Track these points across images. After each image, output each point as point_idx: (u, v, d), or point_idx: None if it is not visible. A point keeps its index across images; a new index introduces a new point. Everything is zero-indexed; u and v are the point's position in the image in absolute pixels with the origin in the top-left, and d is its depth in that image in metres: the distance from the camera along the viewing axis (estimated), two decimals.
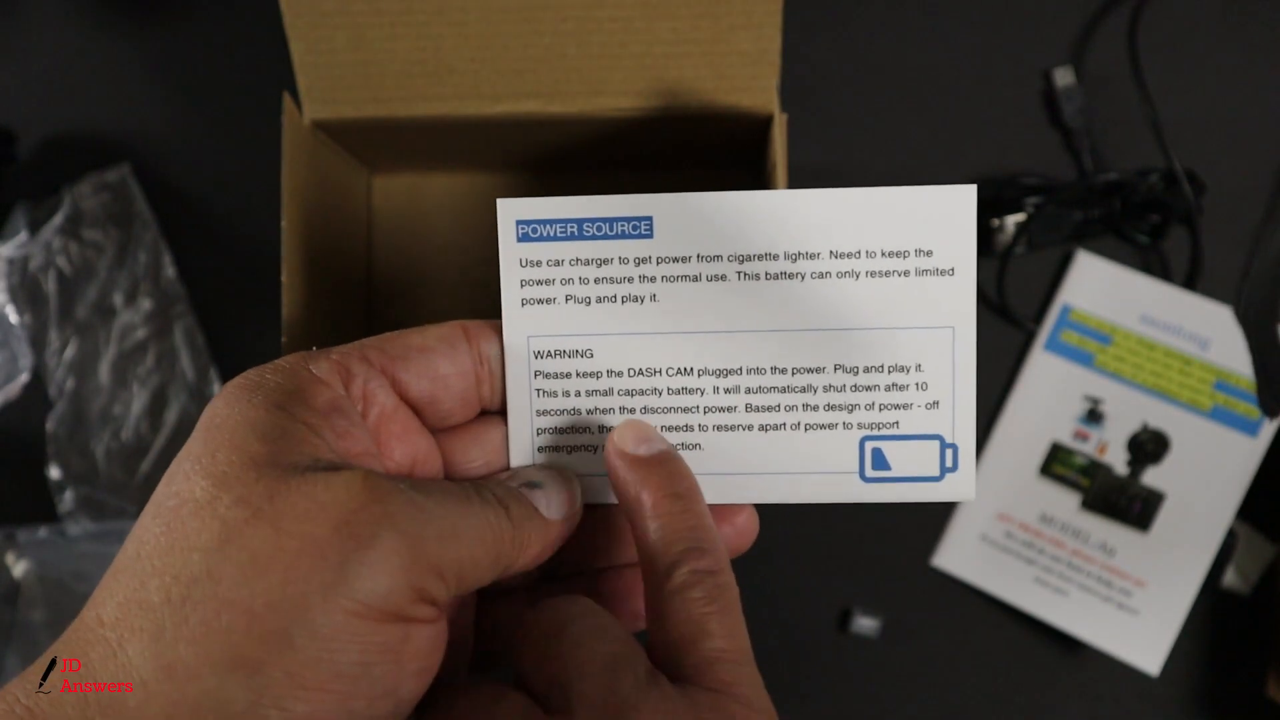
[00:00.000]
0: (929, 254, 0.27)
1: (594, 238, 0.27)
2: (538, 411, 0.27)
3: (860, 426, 0.27)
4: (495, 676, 0.25)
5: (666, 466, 0.26)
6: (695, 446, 0.28)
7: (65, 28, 0.54)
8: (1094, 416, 0.50)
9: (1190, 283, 0.51)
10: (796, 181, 0.49)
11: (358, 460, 0.24)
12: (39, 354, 0.52)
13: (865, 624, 0.50)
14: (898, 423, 0.27)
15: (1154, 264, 0.52)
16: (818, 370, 0.27)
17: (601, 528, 0.29)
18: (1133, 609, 0.49)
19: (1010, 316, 0.51)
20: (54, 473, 0.51)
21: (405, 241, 0.50)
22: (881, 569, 0.51)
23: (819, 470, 0.27)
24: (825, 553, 0.51)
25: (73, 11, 0.53)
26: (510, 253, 0.27)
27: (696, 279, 0.27)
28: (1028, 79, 0.52)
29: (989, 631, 0.51)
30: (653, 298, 0.27)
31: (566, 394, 0.27)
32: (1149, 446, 0.50)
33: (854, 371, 0.27)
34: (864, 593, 0.51)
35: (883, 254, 0.27)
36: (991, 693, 0.51)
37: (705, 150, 0.46)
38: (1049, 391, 0.51)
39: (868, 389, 0.27)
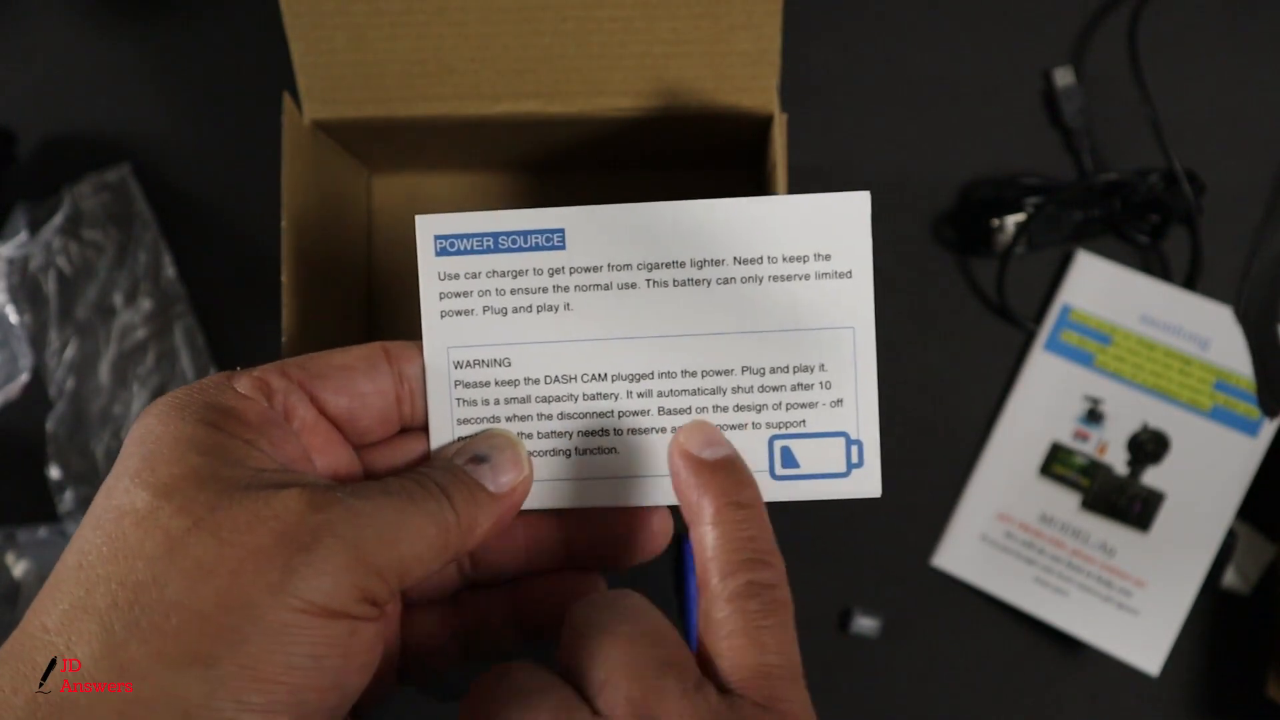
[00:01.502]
0: (827, 258, 0.28)
1: (509, 250, 0.28)
2: (458, 420, 0.28)
3: (769, 426, 0.28)
4: (535, 658, 0.25)
5: (731, 473, 0.26)
6: (611, 450, 0.28)
7: (65, 28, 0.54)
8: (1094, 416, 0.50)
9: (1190, 283, 0.51)
10: (796, 181, 0.49)
11: (295, 465, 0.25)
12: (39, 354, 0.52)
13: (865, 624, 0.50)
14: (804, 421, 0.28)
15: (1154, 264, 0.52)
16: (726, 372, 0.28)
17: (525, 534, 0.29)
18: (1133, 609, 0.49)
19: (1010, 316, 0.51)
20: (54, 473, 0.51)
21: (405, 241, 0.50)
22: (881, 569, 0.51)
23: None
24: (825, 553, 0.51)
25: (73, 11, 0.53)
26: (429, 266, 0.28)
27: (608, 287, 0.28)
28: (1028, 79, 0.52)
29: (989, 631, 0.51)
30: (567, 306, 0.28)
31: (486, 402, 0.28)
32: (1149, 446, 0.50)
33: (760, 372, 0.28)
34: (864, 593, 0.51)
35: (784, 259, 0.28)
36: (991, 693, 0.51)
37: (705, 150, 0.46)
38: (1049, 391, 0.51)
39: (774, 389, 0.28)
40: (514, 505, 0.27)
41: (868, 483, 0.29)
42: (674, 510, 0.29)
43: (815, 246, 0.28)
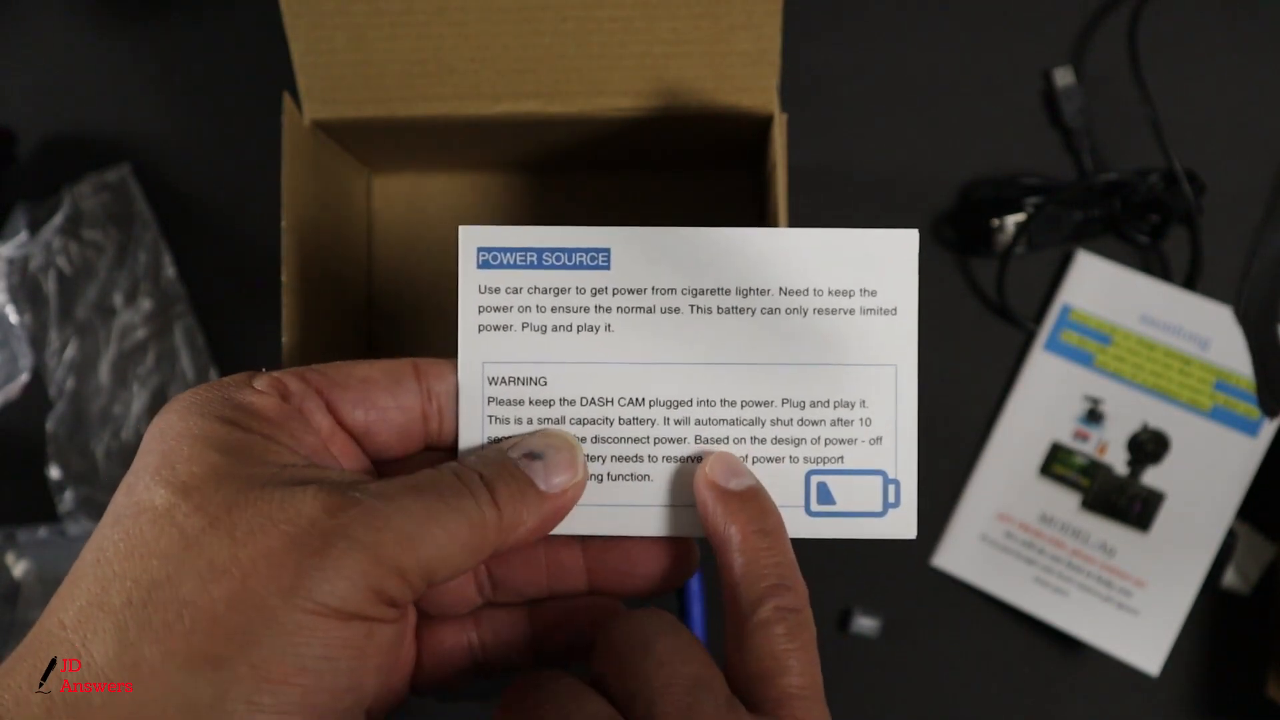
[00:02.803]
0: (873, 294, 0.28)
1: (553, 267, 0.28)
2: (489, 438, 0.28)
3: (806, 460, 0.28)
4: (573, 670, 0.25)
5: (756, 502, 0.26)
6: (644, 478, 0.28)
7: (65, 28, 0.54)
8: (1094, 416, 0.50)
9: (1190, 283, 0.51)
10: (796, 181, 0.49)
11: (317, 458, 0.24)
12: (39, 354, 0.52)
13: (865, 624, 0.50)
14: (842, 457, 0.28)
15: (1154, 264, 0.52)
16: (766, 404, 0.28)
17: (547, 557, 0.29)
18: (1133, 609, 0.49)
19: (1010, 316, 0.51)
20: (54, 473, 0.51)
21: (405, 241, 0.50)
22: (881, 569, 0.51)
23: None
24: (825, 553, 0.51)
25: (73, 11, 0.53)
26: (470, 279, 0.28)
27: (651, 311, 0.28)
28: (1028, 79, 0.52)
29: (989, 631, 0.51)
30: (608, 328, 0.28)
31: (519, 421, 0.28)
32: (1149, 446, 0.50)
33: (800, 406, 0.28)
34: (864, 593, 0.51)
35: (829, 292, 0.28)
36: (991, 693, 0.51)
37: (705, 150, 0.46)
38: (1049, 391, 0.51)
39: (814, 423, 0.28)
40: (563, 508, 0.26)
41: (903, 524, 0.28)
42: (700, 542, 0.29)
43: (861, 282, 0.28)
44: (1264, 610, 0.49)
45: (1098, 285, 0.51)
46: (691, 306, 0.28)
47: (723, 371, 0.28)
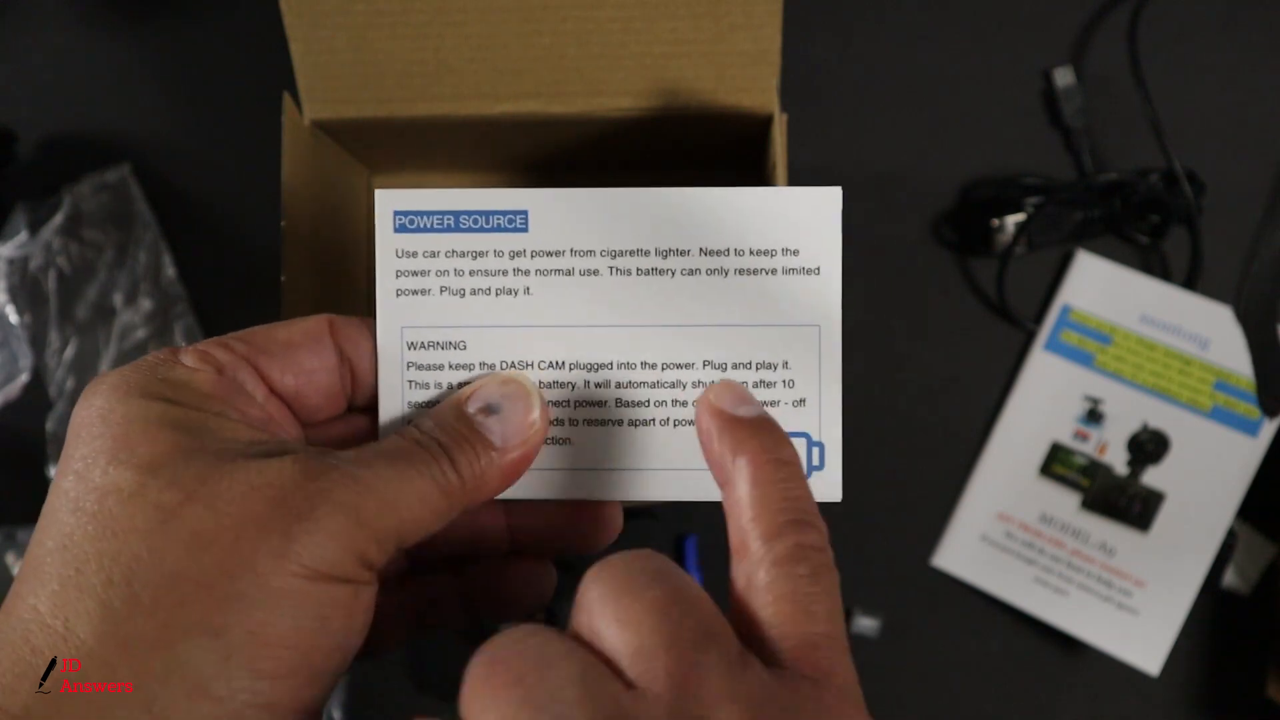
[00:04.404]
0: (795, 253, 0.27)
1: (470, 230, 0.27)
2: (409, 403, 0.27)
3: None
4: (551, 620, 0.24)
5: (768, 430, 0.24)
6: (565, 441, 0.28)
7: (65, 28, 0.54)
8: (1094, 416, 0.50)
9: (1190, 283, 0.51)
10: (796, 181, 0.49)
11: (271, 430, 0.24)
12: (39, 354, 0.52)
13: (865, 624, 0.50)
14: None
15: (1154, 264, 0.52)
16: (687, 366, 0.27)
17: (469, 521, 0.28)
18: (1133, 609, 0.49)
19: (1010, 316, 0.51)
20: (54, 473, 0.51)
21: None
22: (881, 569, 0.51)
23: (688, 467, 0.28)
24: None
25: (73, 11, 0.53)
26: (387, 243, 0.28)
27: (570, 273, 0.27)
28: (1028, 79, 0.52)
29: (989, 631, 0.51)
30: (526, 291, 0.27)
31: (439, 385, 0.27)
32: (1149, 446, 0.50)
33: (722, 368, 0.27)
34: (864, 593, 0.51)
35: (751, 252, 0.27)
36: (991, 693, 0.51)
37: (705, 150, 0.46)
38: (1049, 391, 0.51)
39: None
40: (526, 459, 0.26)
41: (828, 487, 0.27)
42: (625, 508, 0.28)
43: (784, 241, 0.27)
44: (1264, 610, 0.49)
45: (1098, 285, 0.51)
46: (611, 268, 0.27)
47: (643, 333, 0.27)
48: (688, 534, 0.51)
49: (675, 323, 0.27)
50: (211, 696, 0.20)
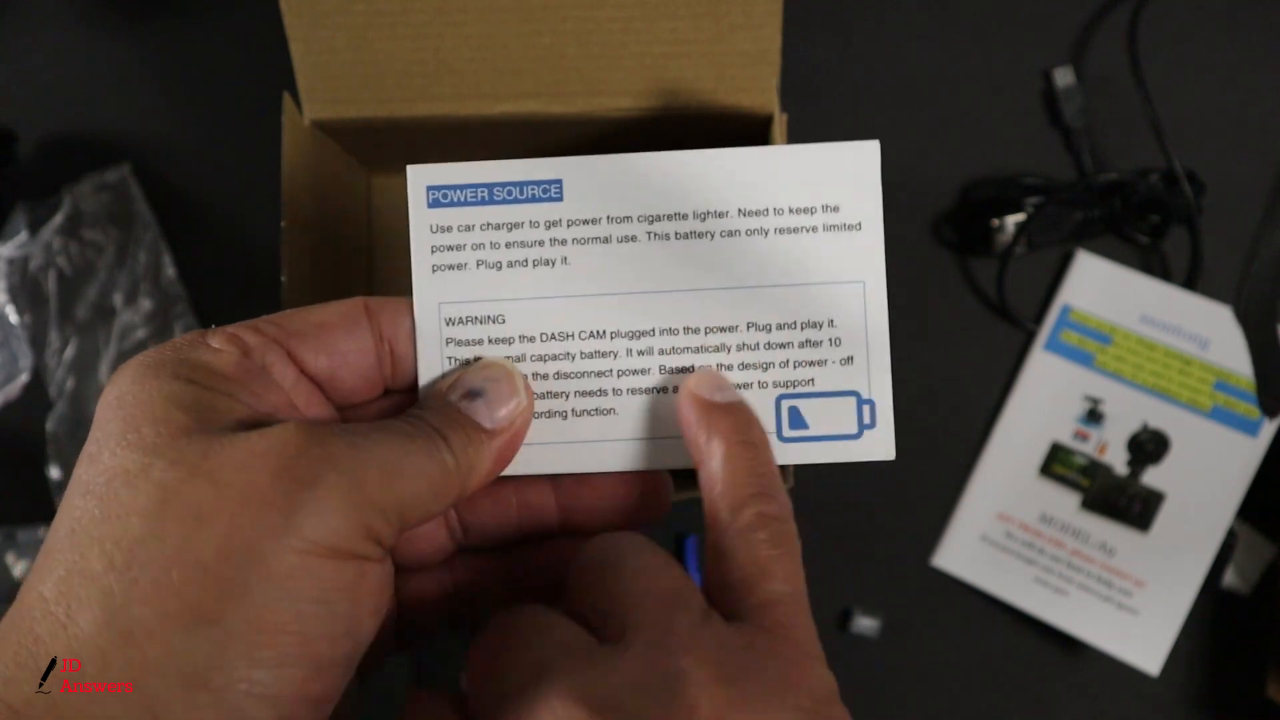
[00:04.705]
0: (836, 209, 0.27)
1: (504, 202, 0.27)
2: None
3: (776, 385, 0.27)
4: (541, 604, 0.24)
5: (740, 414, 0.26)
6: (610, 411, 0.27)
7: (65, 28, 0.54)
8: (1094, 416, 0.50)
9: (1190, 283, 0.51)
10: None
11: (281, 414, 0.24)
12: (39, 354, 0.52)
13: (865, 624, 0.50)
14: (813, 380, 0.27)
15: (1154, 264, 0.52)
16: (731, 329, 0.27)
17: (518, 499, 0.28)
18: (1133, 609, 0.49)
19: (1010, 316, 0.51)
20: (54, 473, 0.51)
21: (405, 241, 0.50)
22: (881, 569, 0.51)
23: None
24: (825, 553, 0.51)
25: (73, 11, 0.53)
26: (420, 219, 0.27)
27: (607, 240, 0.27)
28: (1028, 79, 0.52)
29: (989, 631, 0.51)
30: (564, 260, 0.27)
31: (479, 361, 0.27)
32: (1149, 446, 0.50)
33: (767, 329, 0.27)
34: (864, 593, 0.51)
35: (790, 210, 0.27)
36: (991, 693, 0.51)
37: None
38: (1049, 391, 0.51)
39: (781, 346, 0.27)
40: (515, 441, 0.26)
41: (881, 445, 0.27)
42: (675, 475, 0.28)
43: (823, 198, 0.27)
44: (1264, 610, 0.49)
45: (1098, 285, 0.51)
46: (648, 234, 0.27)
47: (684, 298, 0.27)
48: (688, 534, 0.51)
49: (717, 286, 0.27)
50: (209, 688, 0.20)
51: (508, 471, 0.27)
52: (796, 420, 0.27)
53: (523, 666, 0.22)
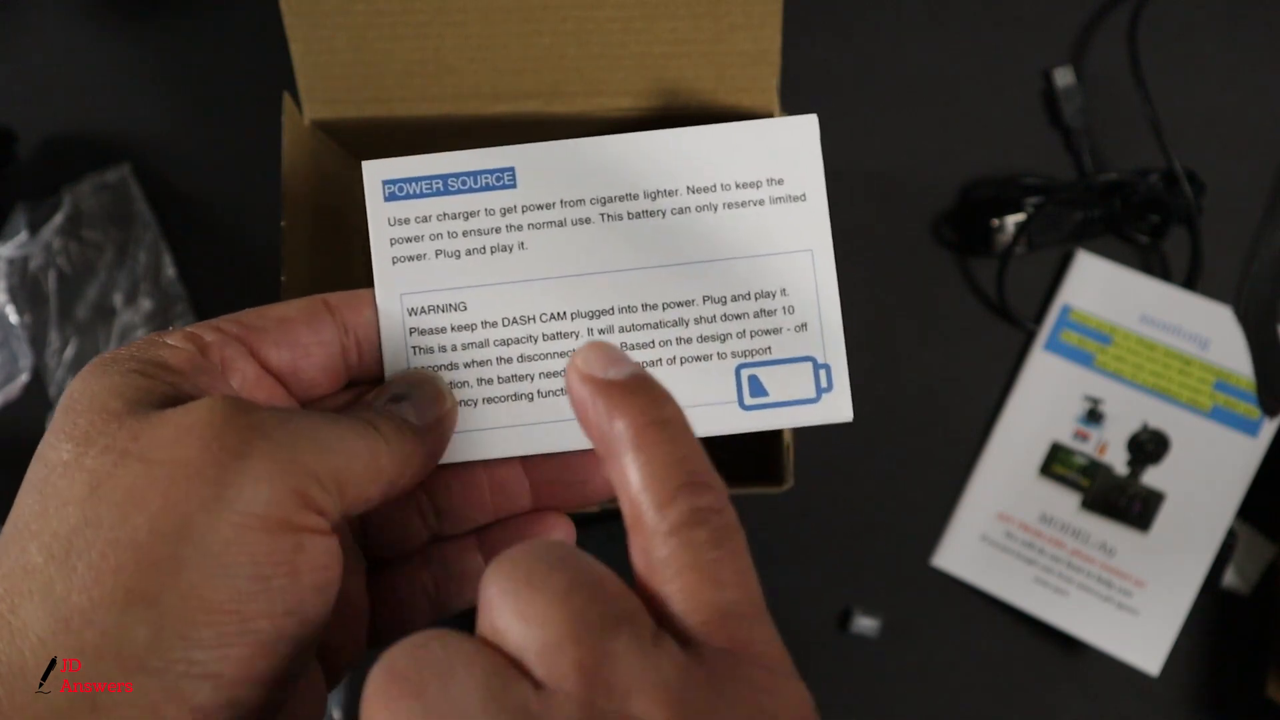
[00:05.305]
0: (780, 182, 0.28)
1: (459, 191, 0.28)
2: (414, 369, 0.28)
3: (734, 355, 0.28)
4: (455, 625, 0.21)
5: (646, 390, 0.22)
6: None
7: (65, 28, 0.54)
8: (1094, 416, 0.50)
9: (1190, 283, 0.51)
10: None
11: None
12: (39, 354, 0.52)
13: (865, 624, 0.50)
14: (770, 348, 0.28)
15: (1154, 264, 0.52)
16: (687, 303, 0.28)
17: (489, 480, 0.28)
18: (1133, 609, 0.49)
19: (1010, 316, 0.51)
20: None
21: None
22: (881, 569, 0.51)
23: (699, 403, 0.28)
24: (825, 553, 0.51)
25: (73, 11, 0.53)
26: (378, 212, 0.28)
27: (562, 224, 0.28)
28: (1028, 79, 0.52)
29: (989, 631, 0.51)
30: (521, 246, 0.28)
31: (443, 349, 0.28)
32: (1149, 446, 0.50)
33: (722, 301, 0.28)
34: (864, 593, 0.51)
35: (737, 185, 0.28)
36: (991, 693, 0.51)
37: None
38: (1049, 391, 0.51)
39: (737, 317, 0.28)
40: (442, 438, 0.26)
41: (838, 407, 0.28)
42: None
43: (767, 172, 0.28)
44: (1264, 610, 0.49)
45: (1098, 285, 0.51)
46: (602, 215, 0.28)
47: (640, 276, 0.28)
48: None
49: (671, 262, 0.28)
50: (147, 670, 0.20)
51: (474, 456, 0.27)
52: (757, 388, 0.28)
53: (440, 717, 0.18)
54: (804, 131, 0.28)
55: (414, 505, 0.28)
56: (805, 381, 0.28)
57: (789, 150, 0.28)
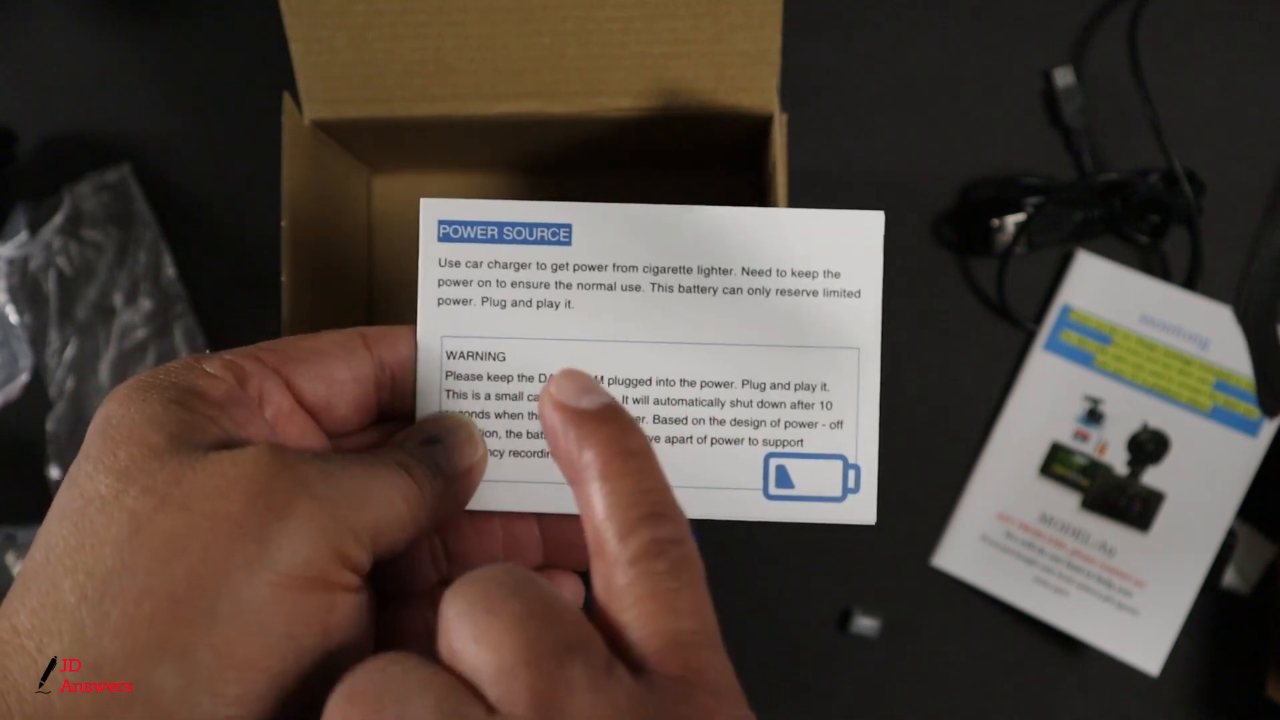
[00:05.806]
0: (837, 275, 0.28)
1: (514, 242, 0.28)
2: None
3: (765, 443, 0.28)
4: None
5: (615, 421, 0.22)
6: None
7: (65, 28, 0.54)
8: (1094, 416, 0.50)
9: (1190, 283, 0.51)
10: (797, 181, 0.49)
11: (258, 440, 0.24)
12: (39, 354, 0.52)
13: (865, 624, 0.50)
14: (802, 441, 0.28)
15: (1154, 264, 0.52)
16: (725, 385, 0.28)
17: (503, 533, 0.28)
18: (1133, 609, 0.49)
19: (1010, 316, 0.51)
20: (54, 473, 0.51)
21: (405, 241, 0.50)
22: (881, 569, 0.51)
23: (723, 486, 0.28)
24: (825, 553, 0.51)
25: (73, 11, 0.53)
26: (430, 251, 0.28)
27: (611, 288, 0.28)
28: (1028, 79, 0.52)
29: (989, 631, 0.51)
30: (568, 304, 0.28)
31: (476, 396, 0.27)
32: (1149, 446, 0.50)
33: (761, 388, 0.28)
34: (864, 593, 0.51)
35: (793, 273, 0.28)
36: (991, 693, 0.51)
37: (705, 150, 0.46)
38: (1049, 391, 0.51)
39: (774, 405, 0.28)
40: (471, 486, 0.26)
41: (863, 510, 0.28)
42: None
43: (825, 263, 0.28)
44: (1264, 610, 0.49)
45: (1098, 285, 0.51)
46: (653, 284, 0.27)
47: (683, 351, 0.27)
48: None
49: (715, 341, 0.28)
50: None
51: (495, 507, 0.27)
52: (784, 479, 0.28)
53: None
54: (868, 227, 0.28)
55: (427, 548, 0.28)
56: (833, 479, 0.28)
57: (850, 244, 0.28)
